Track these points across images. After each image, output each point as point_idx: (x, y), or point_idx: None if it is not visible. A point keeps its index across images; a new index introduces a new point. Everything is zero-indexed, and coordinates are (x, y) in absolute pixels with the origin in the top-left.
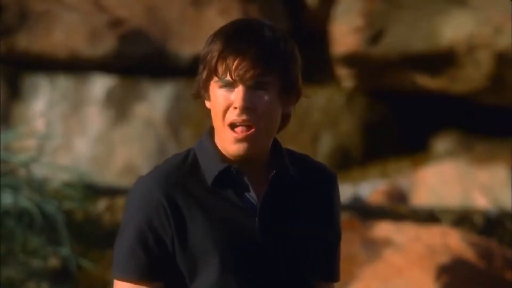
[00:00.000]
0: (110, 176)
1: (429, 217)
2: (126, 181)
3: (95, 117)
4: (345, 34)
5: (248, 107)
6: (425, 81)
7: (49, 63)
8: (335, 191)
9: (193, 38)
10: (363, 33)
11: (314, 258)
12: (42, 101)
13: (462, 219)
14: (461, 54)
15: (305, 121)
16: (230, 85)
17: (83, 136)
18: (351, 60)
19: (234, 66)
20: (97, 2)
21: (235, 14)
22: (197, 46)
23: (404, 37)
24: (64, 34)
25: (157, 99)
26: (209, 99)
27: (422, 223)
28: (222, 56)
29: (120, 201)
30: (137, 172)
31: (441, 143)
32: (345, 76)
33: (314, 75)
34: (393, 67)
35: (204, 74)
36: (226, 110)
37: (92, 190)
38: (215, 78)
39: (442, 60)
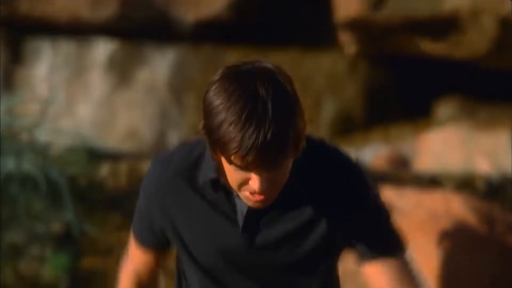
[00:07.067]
0: (112, 140)
1: (431, 182)
2: (128, 146)
3: (97, 82)
4: None
5: (266, 188)
6: (428, 46)
7: (51, 27)
8: (358, 189)
9: (197, 3)
10: None
11: (309, 267)
12: (44, 66)
13: (465, 184)
14: (465, 19)
15: (308, 86)
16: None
17: (86, 100)
18: (354, 25)
19: (252, 163)
20: None
21: None
22: (201, 11)
23: (408, 2)
24: None
25: (159, 64)
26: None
27: (424, 188)
28: (240, 157)
29: (122, 166)
30: (140, 137)
31: (444, 109)
32: (348, 41)
33: (317, 40)
34: (396, 32)
35: (217, 150)
36: (241, 184)
37: (95, 155)
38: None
39: (446, 25)
